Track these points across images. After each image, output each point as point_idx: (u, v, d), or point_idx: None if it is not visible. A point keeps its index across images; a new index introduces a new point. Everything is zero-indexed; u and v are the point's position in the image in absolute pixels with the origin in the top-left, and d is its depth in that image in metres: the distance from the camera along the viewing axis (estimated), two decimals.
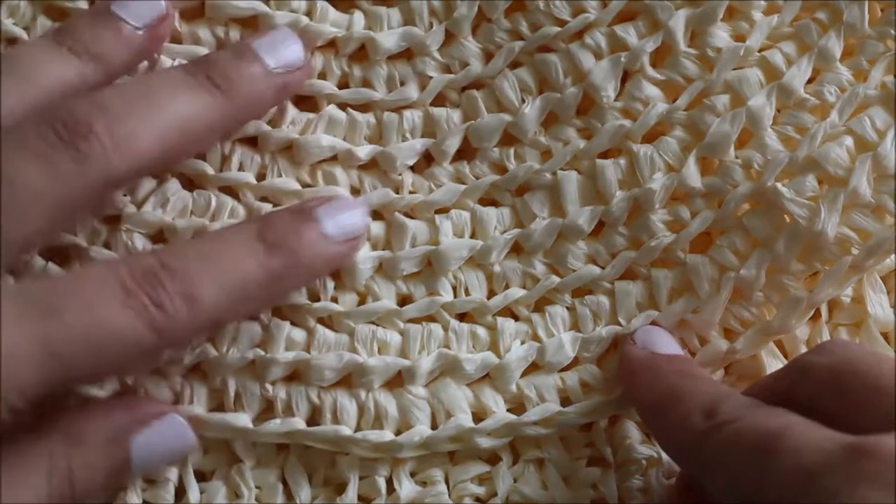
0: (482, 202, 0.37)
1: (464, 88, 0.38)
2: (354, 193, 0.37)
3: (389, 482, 0.37)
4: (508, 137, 0.37)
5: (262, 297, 0.33)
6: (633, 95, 0.37)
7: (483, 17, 0.37)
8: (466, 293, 0.37)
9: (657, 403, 0.33)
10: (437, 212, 0.37)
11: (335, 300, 0.37)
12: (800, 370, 0.31)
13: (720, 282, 0.36)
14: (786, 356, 0.37)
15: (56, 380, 0.28)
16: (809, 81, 0.36)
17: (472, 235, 0.37)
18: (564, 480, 0.37)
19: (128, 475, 0.33)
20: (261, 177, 0.37)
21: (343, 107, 0.37)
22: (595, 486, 0.37)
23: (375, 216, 0.37)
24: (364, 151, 0.37)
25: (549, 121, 0.37)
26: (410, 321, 0.37)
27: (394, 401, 0.36)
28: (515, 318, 0.37)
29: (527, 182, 0.37)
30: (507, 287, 0.37)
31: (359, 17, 0.37)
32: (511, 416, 0.36)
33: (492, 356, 0.37)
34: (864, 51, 0.36)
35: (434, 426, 0.36)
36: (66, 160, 0.30)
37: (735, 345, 0.36)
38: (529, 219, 0.37)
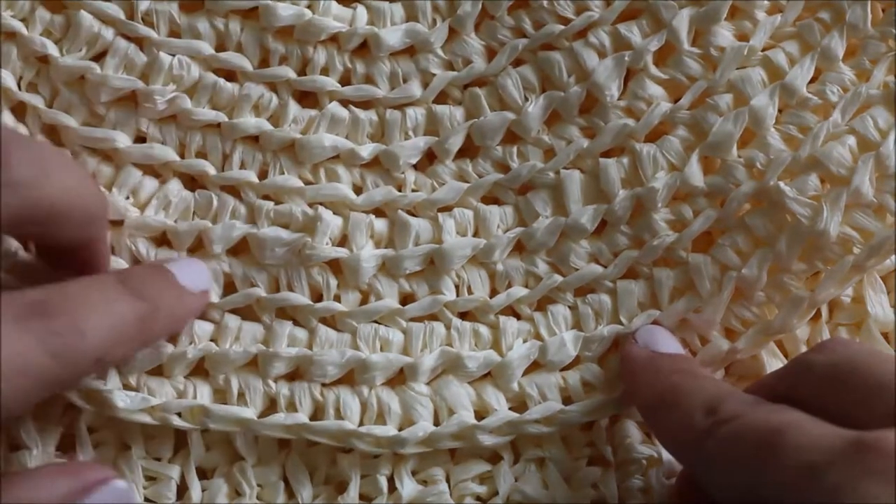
0: (485, 200, 0.37)
1: (466, 86, 0.37)
2: (357, 191, 0.37)
3: (391, 481, 0.37)
4: (511, 136, 0.37)
5: (137, 337, 0.33)
6: (637, 94, 0.37)
7: (486, 15, 0.37)
8: (469, 292, 0.37)
9: (658, 402, 0.33)
10: (440, 210, 0.37)
11: (338, 298, 0.37)
12: (800, 368, 0.31)
13: (722, 281, 0.36)
14: (786, 356, 0.37)
15: None
16: (812, 81, 0.36)
17: (475, 234, 0.37)
18: (565, 480, 0.37)
19: None
20: (262, 175, 0.37)
21: (345, 103, 0.37)
22: (595, 486, 0.37)
23: (378, 214, 0.37)
24: (367, 150, 0.37)
25: (553, 119, 0.37)
26: (413, 320, 0.37)
27: (396, 398, 0.36)
28: (518, 317, 0.37)
29: (530, 181, 0.37)
30: (510, 286, 0.37)
31: (362, 13, 0.37)
32: (513, 414, 0.36)
33: (494, 354, 0.37)
34: (867, 51, 0.36)
35: (436, 423, 0.36)
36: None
37: (736, 344, 0.36)
38: (532, 217, 0.37)
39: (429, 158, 0.38)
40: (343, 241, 0.37)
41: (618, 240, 0.37)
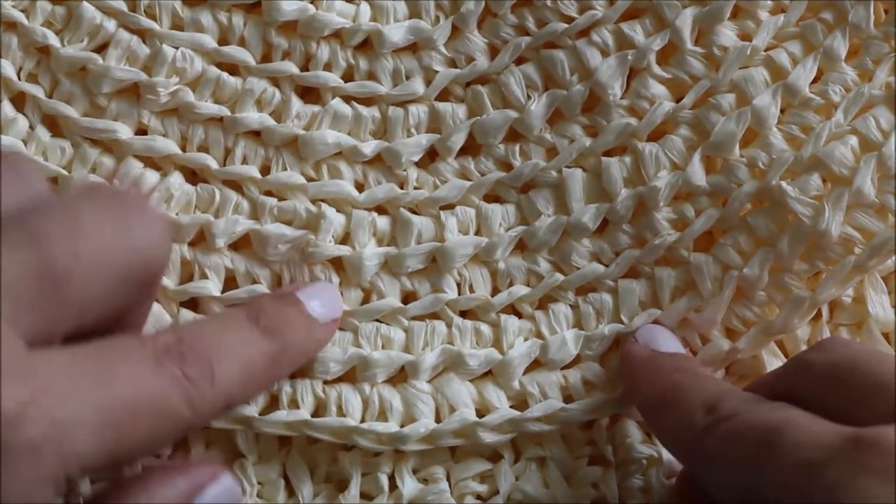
0: (487, 199, 0.37)
1: (469, 84, 0.37)
2: (359, 188, 0.37)
3: (392, 479, 0.36)
4: (514, 134, 0.37)
5: (265, 378, 0.33)
6: (640, 93, 0.37)
7: (489, 12, 0.37)
8: (471, 290, 0.37)
9: (658, 401, 0.33)
10: (443, 208, 0.37)
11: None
12: (800, 367, 0.31)
13: (723, 280, 0.36)
14: (787, 356, 0.37)
15: (107, 451, 0.27)
16: (814, 81, 0.36)
17: (477, 232, 0.37)
18: (566, 479, 0.36)
19: None
20: (265, 170, 0.37)
21: (348, 100, 0.37)
22: (596, 485, 0.36)
23: (380, 211, 0.37)
24: (369, 147, 0.37)
25: (555, 118, 0.37)
26: (414, 318, 0.37)
27: (398, 395, 0.36)
28: (519, 316, 0.37)
29: (532, 179, 0.37)
30: (511, 284, 0.37)
31: (365, 9, 0.37)
32: (514, 412, 0.36)
33: (495, 352, 0.37)
34: (869, 51, 0.36)
35: (438, 421, 0.36)
36: None
37: (737, 344, 0.36)
38: (534, 216, 0.37)
39: (431, 156, 0.38)
40: (345, 239, 0.37)
41: (619, 239, 0.37)
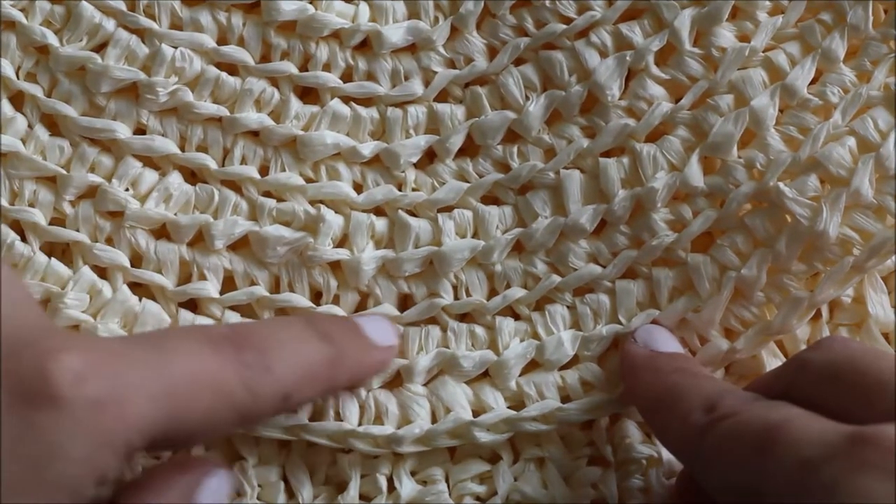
0: (484, 200, 0.37)
1: (468, 84, 0.37)
2: (357, 189, 0.37)
3: (390, 481, 0.36)
4: (512, 135, 0.37)
5: (324, 379, 0.33)
6: (638, 94, 0.37)
7: (488, 13, 0.37)
8: (467, 293, 0.37)
9: (658, 401, 0.33)
10: (440, 210, 0.37)
11: (337, 298, 0.37)
12: (799, 367, 0.31)
13: (721, 281, 0.36)
14: (786, 356, 0.37)
15: (166, 420, 0.28)
16: (813, 82, 0.36)
17: (475, 234, 0.37)
18: (565, 479, 0.36)
19: None
20: (263, 170, 0.37)
21: (346, 100, 0.37)
22: (595, 486, 0.36)
23: (378, 213, 0.37)
24: (368, 148, 0.37)
25: (553, 118, 0.37)
26: (410, 324, 0.37)
27: (394, 398, 0.36)
28: (516, 317, 0.37)
29: (530, 181, 0.37)
30: (508, 286, 0.37)
31: (364, 9, 0.37)
32: (510, 412, 0.36)
33: (490, 353, 0.37)
34: (868, 52, 0.36)
35: (434, 423, 0.36)
36: None
37: (736, 344, 0.36)
38: (531, 217, 0.37)
39: (429, 157, 0.38)
40: (343, 241, 0.37)
41: (617, 240, 0.37)
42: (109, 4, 0.36)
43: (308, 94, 0.37)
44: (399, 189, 0.37)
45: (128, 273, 0.36)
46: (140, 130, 0.37)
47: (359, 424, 0.36)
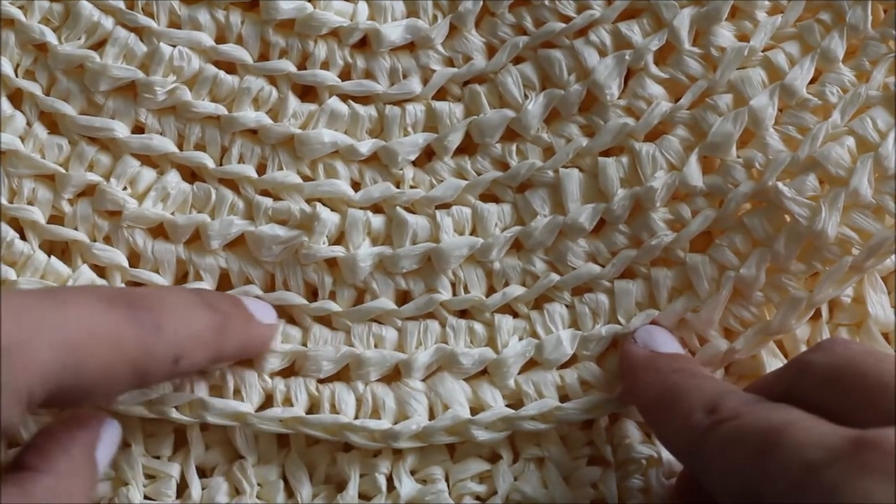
0: (483, 198, 0.37)
1: (466, 83, 0.37)
2: (355, 187, 0.37)
3: (390, 480, 0.36)
4: (511, 133, 0.37)
5: (212, 344, 0.33)
6: (637, 93, 0.37)
7: (487, 12, 0.37)
8: (466, 290, 0.37)
9: (658, 402, 0.33)
10: (438, 207, 0.37)
11: (333, 295, 0.37)
12: (799, 369, 0.31)
13: (720, 281, 0.36)
14: (786, 356, 0.37)
15: (64, 369, 0.29)
16: (812, 82, 0.36)
17: (473, 232, 0.37)
18: (565, 479, 0.37)
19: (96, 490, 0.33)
20: (261, 168, 0.37)
21: (345, 98, 0.37)
22: (595, 486, 0.36)
23: (376, 210, 0.37)
24: (366, 146, 0.37)
25: (552, 117, 0.37)
26: (408, 319, 0.37)
27: (391, 393, 0.36)
28: (514, 315, 0.37)
29: (528, 179, 0.37)
30: (507, 284, 0.37)
31: (363, 7, 0.37)
32: (508, 410, 0.36)
33: (489, 351, 0.37)
34: (867, 52, 0.36)
35: (432, 419, 0.36)
36: None
37: (735, 344, 0.36)
38: (530, 216, 0.37)
39: (427, 155, 0.38)
40: (340, 238, 0.37)
41: (616, 239, 0.37)
42: (108, 2, 0.36)
43: (306, 93, 0.37)
44: (397, 187, 0.37)
45: (126, 273, 0.36)
46: (138, 129, 0.37)
47: (355, 418, 0.36)
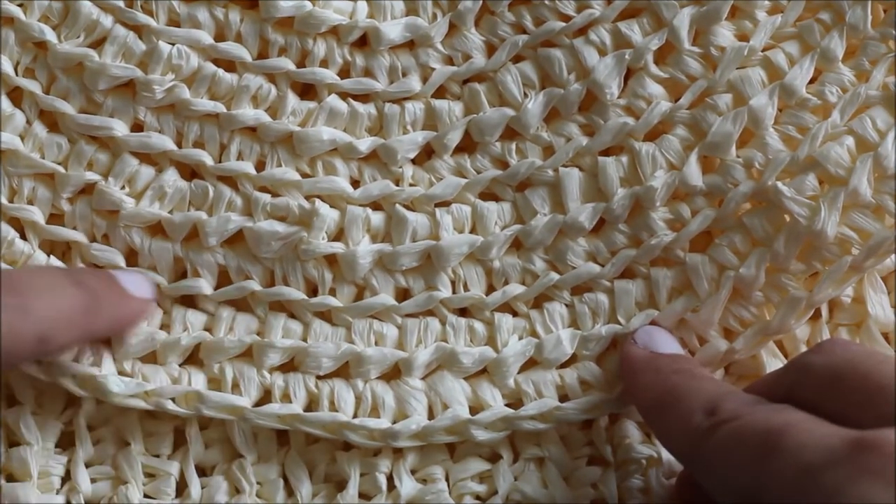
0: (483, 197, 0.37)
1: (466, 81, 0.37)
2: (354, 185, 0.37)
3: (390, 479, 0.36)
4: (510, 132, 0.37)
5: (79, 326, 0.34)
6: (637, 93, 0.37)
7: (487, 10, 0.37)
8: (465, 288, 0.37)
9: (658, 403, 0.33)
10: (438, 205, 0.37)
11: (333, 292, 0.37)
12: (799, 370, 0.31)
13: (720, 281, 0.36)
14: (786, 356, 0.37)
15: None
16: (811, 81, 0.36)
17: (473, 230, 0.37)
18: (565, 479, 0.37)
19: None
20: (260, 166, 0.37)
21: (344, 96, 0.37)
22: (595, 486, 0.36)
23: (375, 208, 0.37)
24: (365, 144, 0.37)
25: (552, 116, 0.37)
26: (408, 316, 0.37)
27: (391, 391, 0.36)
28: (514, 314, 0.37)
29: (528, 178, 0.37)
30: (507, 283, 0.37)
31: (362, 6, 0.37)
32: (508, 410, 0.36)
33: (489, 350, 0.37)
34: (866, 51, 0.36)
35: (431, 418, 0.36)
36: None
37: (734, 345, 0.36)
38: (530, 215, 0.37)
39: (427, 153, 0.38)
40: (339, 235, 0.37)
41: (616, 238, 0.37)
42: (107, 1, 0.36)
43: (306, 91, 0.37)
44: (396, 185, 0.37)
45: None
46: (137, 126, 0.36)
47: (354, 416, 0.36)
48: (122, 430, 0.37)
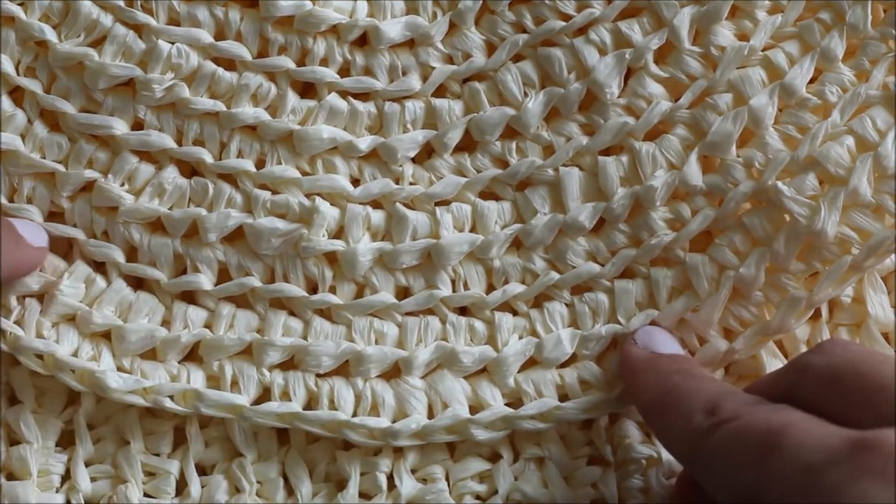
0: (483, 196, 0.37)
1: (466, 80, 0.37)
2: (354, 183, 0.37)
3: (390, 479, 0.36)
4: (510, 131, 0.37)
5: None
6: (637, 92, 0.37)
7: (487, 9, 0.37)
8: (465, 287, 0.37)
9: (658, 403, 0.33)
10: (438, 204, 0.37)
11: (333, 290, 0.37)
12: (799, 370, 0.31)
13: (720, 281, 0.36)
14: (786, 356, 0.37)
15: None
16: (811, 81, 0.36)
17: (473, 229, 0.37)
18: (565, 479, 0.37)
19: None
20: (260, 164, 0.37)
21: (344, 95, 0.37)
22: (595, 486, 0.37)
23: (375, 206, 0.37)
24: (365, 143, 0.37)
25: (552, 116, 0.37)
26: (408, 314, 0.37)
27: (391, 390, 0.36)
28: (514, 314, 0.37)
29: (528, 177, 0.37)
30: (507, 282, 0.37)
31: (362, 4, 0.37)
32: (508, 409, 0.36)
33: (489, 349, 0.37)
34: (866, 51, 0.36)
35: (431, 417, 0.36)
36: None
37: (734, 345, 0.36)
38: (530, 214, 0.37)
39: (427, 152, 0.38)
40: (339, 233, 0.37)
41: (616, 238, 0.37)
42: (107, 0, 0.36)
43: (306, 90, 0.37)
44: (396, 183, 0.37)
45: (122, 267, 0.37)
46: (137, 125, 0.36)
47: (354, 415, 0.36)
48: (122, 429, 0.37)
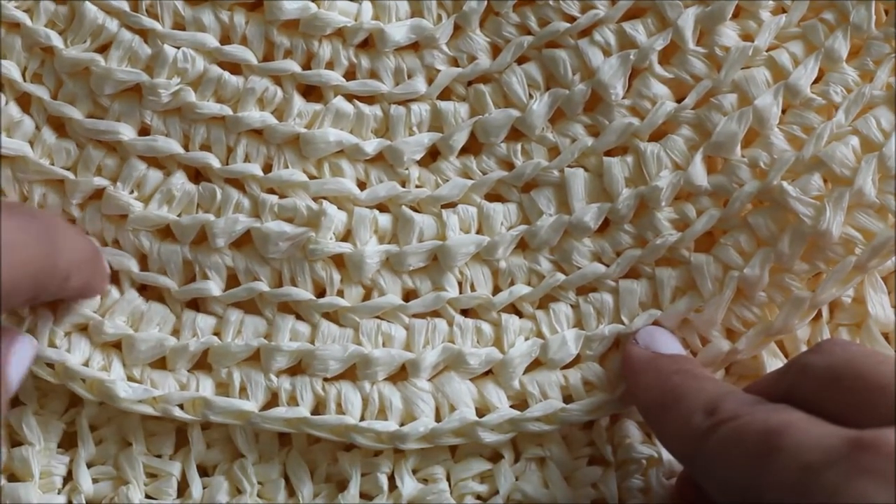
0: (489, 198, 0.37)
1: (471, 83, 0.37)
2: (361, 186, 0.37)
3: (391, 479, 0.37)
4: (515, 133, 0.37)
5: (88, 272, 0.35)
6: (641, 93, 0.37)
7: (492, 11, 0.37)
8: (472, 289, 0.37)
9: (659, 403, 0.33)
10: (444, 206, 0.37)
11: (341, 293, 0.37)
12: (799, 370, 0.31)
13: (724, 281, 0.36)
14: (786, 356, 0.37)
15: None
16: (816, 81, 0.36)
17: (479, 231, 0.37)
18: (565, 479, 0.37)
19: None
20: (267, 168, 0.37)
21: (350, 98, 0.37)
22: (595, 485, 0.37)
23: (382, 209, 0.37)
24: (371, 146, 0.37)
25: (557, 117, 0.37)
26: (415, 316, 0.37)
27: (398, 393, 0.37)
28: (520, 315, 0.37)
29: (534, 178, 0.37)
30: (513, 283, 0.37)
31: (367, 7, 0.37)
32: (514, 412, 0.36)
33: (496, 351, 0.37)
34: (870, 51, 0.36)
35: (438, 419, 0.36)
36: None
37: (737, 345, 0.36)
38: (536, 215, 0.37)
39: (432, 155, 0.38)
40: (346, 236, 0.37)
41: (621, 238, 0.37)
42: (112, 4, 0.36)
43: (311, 93, 0.37)
44: (403, 186, 0.37)
45: (135, 276, 0.37)
46: (144, 130, 0.37)
47: (361, 419, 0.36)
48: (124, 431, 0.37)
